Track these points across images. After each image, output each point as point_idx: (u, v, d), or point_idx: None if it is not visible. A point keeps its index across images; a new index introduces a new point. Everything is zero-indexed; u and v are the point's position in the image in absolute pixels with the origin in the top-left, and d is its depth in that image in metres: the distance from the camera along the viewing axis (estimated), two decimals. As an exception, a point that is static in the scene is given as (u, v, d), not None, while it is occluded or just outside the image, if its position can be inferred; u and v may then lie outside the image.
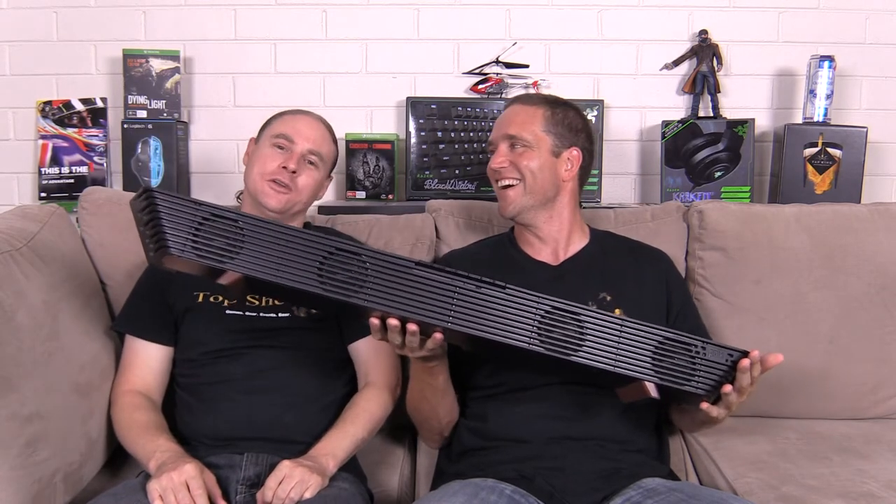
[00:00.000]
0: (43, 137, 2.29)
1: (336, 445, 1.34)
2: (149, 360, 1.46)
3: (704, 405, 1.20)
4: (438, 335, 1.15)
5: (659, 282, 1.50)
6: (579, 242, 1.52)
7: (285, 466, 1.23)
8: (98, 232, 1.66)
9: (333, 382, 1.47)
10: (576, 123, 1.49)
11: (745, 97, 2.30)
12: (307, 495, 1.21)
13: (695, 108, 2.26)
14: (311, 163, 1.52)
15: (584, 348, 1.16)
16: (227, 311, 1.45)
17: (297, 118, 1.55)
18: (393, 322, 1.13)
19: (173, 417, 1.45)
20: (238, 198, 1.63)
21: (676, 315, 1.48)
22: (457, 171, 2.23)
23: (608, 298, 1.43)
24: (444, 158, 2.23)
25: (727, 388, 1.18)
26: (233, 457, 1.34)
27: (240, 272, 1.10)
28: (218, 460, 1.33)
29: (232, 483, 1.30)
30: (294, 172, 1.48)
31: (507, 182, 1.46)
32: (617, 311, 1.41)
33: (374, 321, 1.15)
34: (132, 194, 1.15)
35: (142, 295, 1.51)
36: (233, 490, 1.30)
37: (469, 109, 2.22)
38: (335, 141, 1.60)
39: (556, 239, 1.50)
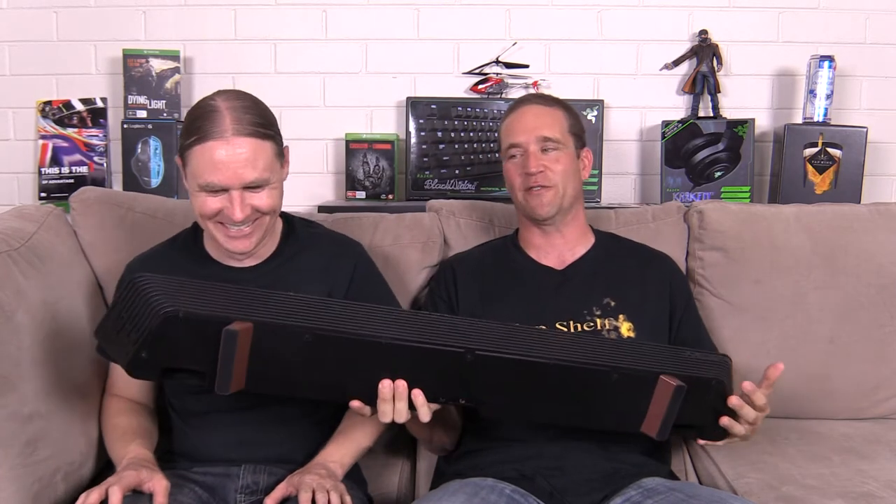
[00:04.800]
0: (43, 137, 2.29)
1: (344, 454, 1.31)
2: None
3: (725, 420, 1.19)
4: (419, 396, 1.09)
5: (662, 287, 1.49)
6: (584, 245, 1.51)
7: (311, 479, 1.18)
8: (88, 232, 1.65)
9: (321, 403, 1.44)
10: (582, 124, 1.52)
11: (745, 97, 2.30)
12: (347, 499, 1.17)
13: (695, 108, 2.26)
14: (255, 188, 1.23)
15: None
16: None
17: (213, 149, 1.19)
18: (401, 384, 1.07)
19: (170, 433, 1.42)
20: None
21: (679, 320, 1.48)
22: (457, 171, 2.23)
23: (612, 304, 1.42)
24: (444, 158, 2.23)
25: (723, 419, 1.18)
26: (230, 468, 1.32)
27: (251, 320, 1.00)
28: (215, 469, 1.32)
29: (230, 492, 1.29)
30: (244, 222, 1.24)
31: (541, 185, 1.42)
32: (620, 317, 1.41)
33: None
34: (123, 193, 1.11)
35: None
36: (231, 499, 1.28)
37: (469, 109, 2.22)
38: (271, 123, 1.26)
39: (566, 241, 1.49)
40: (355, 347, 1.06)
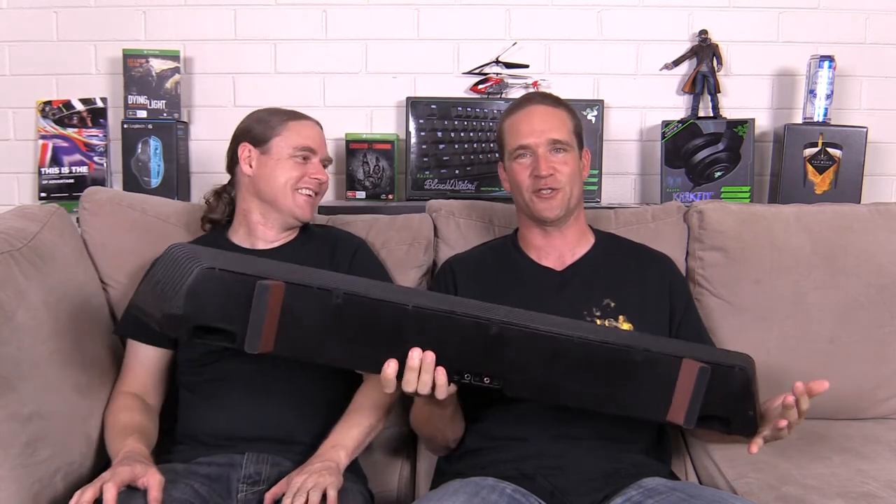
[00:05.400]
0: (43, 137, 2.29)
1: (345, 436, 1.34)
2: (147, 363, 1.46)
3: (754, 448, 1.19)
4: (441, 375, 1.11)
5: (662, 287, 1.49)
6: (584, 246, 1.51)
7: (297, 480, 1.20)
8: (100, 233, 1.66)
9: (334, 381, 1.47)
10: (582, 124, 1.52)
11: (745, 97, 2.30)
12: (331, 493, 1.19)
13: (695, 108, 2.26)
14: (324, 167, 1.56)
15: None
16: None
17: (308, 126, 1.54)
18: (430, 355, 1.10)
19: (176, 416, 1.45)
20: (207, 201, 1.61)
21: (679, 321, 1.47)
22: (457, 171, 2.23)
23: (612, 305, 1.42)
24: (444, 158, 2.23)
25: (782, 422, 1.16)
26: (233, 456, 1.34)
27: (283, 280, 1.05)
28: (218, 459, 1.34)
29: (233, 482, 1.31)
30: (323, 181, 1.54)
31: (551, 188, 1.42)
32: (620, 318, 1.41)
33: (392, 365, 1.11)
34: (133, 195, 1.14)
35: None
36: (234, 489, 1.30)
37: (469, 109, 2.22)
38: None
39: (566, 242, 1.49)
40: (383, 312, 1.08)
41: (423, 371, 1.11)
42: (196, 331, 1.05)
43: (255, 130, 1.52)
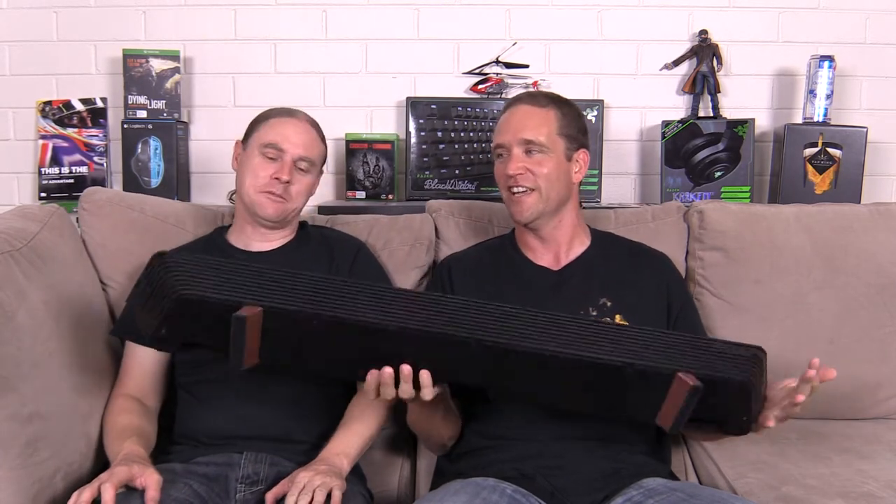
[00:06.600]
0: (43, 137, 2.29)
1: (347, 444, 1.34)
2: (146, 364, 1.45)
3: (770, 423, 1.15)
4: (426, 377, 1.12)
5: (659, 286, 1.48)
6: (581, 245, 1.51)
7: (303, 477, 1.20)
8: (99, 233, 1.66)
9: (332, 381, 1.47)
10: (582, 124, 1.48)
11: (745, 97, 2.30)
12: (336, 493, 1.19)
13: (695, 108, 2.26)
14: (301, 169, 1.48)
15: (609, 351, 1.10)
16: None
17: (285, 123, 1.48)
18: (406, 368, 1.11)
19: (174, 416, 1.45)
20: (230, 198, 1.63)
21: (676, 318, 1.47)
22: (457, 171, 2.23)
23: (608, 304, 1.42)
24: (444, 158, 2.23)
25: (800, 397, 1.12)
26: (232, 455, 1.34)
27: (262, 304, 1.06)
28: (217, 459, 1.34)
29: (231, 482, 1.31)
30: (287, 182, 1.45)
31: (522, 189, 1.42)
32: (617, 317, 1.41)
33: (374, 373, 1.12)
34: (133, 195, 1.15)
35: None
36: (232, 489, 1.30)
37: (469, 109, 2.22)
38: (323, 139, 1.55)
39: (559, 242, 1.48)
40: (364, 333, 1.09)
41: (402, 381, 1.12)
42: (184, 345, 1.09)
43: (249, 127, 1.52)
